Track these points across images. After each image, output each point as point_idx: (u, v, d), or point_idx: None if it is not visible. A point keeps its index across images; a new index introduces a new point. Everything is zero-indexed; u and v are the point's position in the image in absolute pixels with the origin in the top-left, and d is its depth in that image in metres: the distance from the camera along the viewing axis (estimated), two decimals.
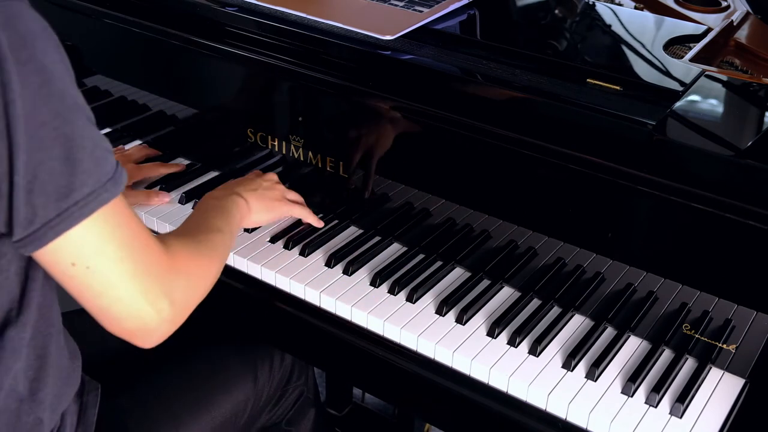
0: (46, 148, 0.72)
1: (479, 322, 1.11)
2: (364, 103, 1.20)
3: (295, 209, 1.24)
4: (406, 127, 1.17)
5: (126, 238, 0.79)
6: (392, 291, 1.16)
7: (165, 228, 1.31)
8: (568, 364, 1.04)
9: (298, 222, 1.31)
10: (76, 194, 0.74)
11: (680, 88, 1.07)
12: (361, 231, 1.29)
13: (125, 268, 0.79)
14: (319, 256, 1.24)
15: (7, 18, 0.70)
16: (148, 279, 0.82)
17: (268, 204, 1.19)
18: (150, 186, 1.40)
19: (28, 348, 0.85)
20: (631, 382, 1.01)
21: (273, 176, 1.25)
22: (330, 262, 1.21)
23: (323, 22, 1.25)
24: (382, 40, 1.20)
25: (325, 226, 1.29)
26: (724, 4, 1.44)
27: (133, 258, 0.80)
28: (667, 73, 1.14)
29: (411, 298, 1.14)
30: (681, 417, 0.98)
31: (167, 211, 1.34)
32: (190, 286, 0.89)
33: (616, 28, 1.31)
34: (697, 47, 1.21)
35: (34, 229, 0.74)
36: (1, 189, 0.72)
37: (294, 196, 1.26)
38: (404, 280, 1.17)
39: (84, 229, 0.75)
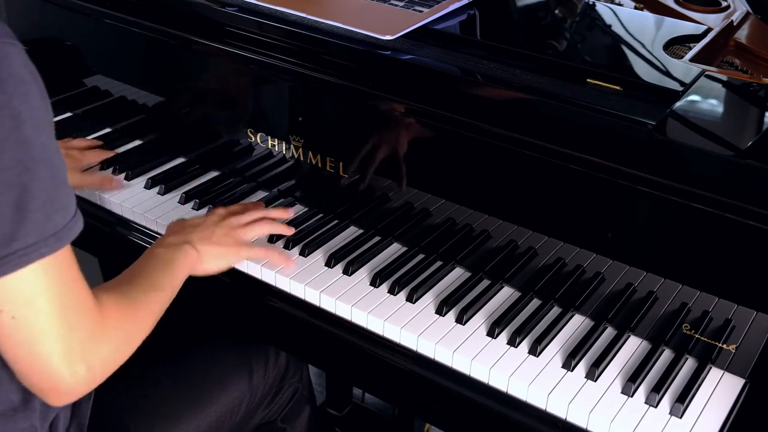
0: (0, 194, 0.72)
1: (479, 322, 1.11)
2: (364, 103, 1.20)
3: (252, 252, 1.17)
4: (406, 127, 1.17)
5: (59, 295, 0.78)
6: (392, 291, 1.16)
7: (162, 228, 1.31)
8: (568, 364, 1.04)
9: (299, 222, 1.31)
10: (16, 243, 0.74)
11: (680, 88, 1.07)
12: (361, 231, 1.29)
13: (51, 325, 0.78)
14: (319, 256, 1.24)
15: None
16: (72, 341, 0.81)
17: (220, 252, 1.14)
18: (151, 186, 1.40)
19: None
20: (631, 382, 1.01)
21: (231, 221, 1.17)
22: (330, 262, 1.21)
23: (323, 22, 1.25)
24: (382, 40, 1.20)
25: (324, 226, 1.30)
26: (724, 4, 1.44)
27: (62, 316, 0.79)
28: (667, 73, 1.14)
29: (411, 298, 1.14)
30: (681, 417, 0.98)
31: (168, 210, 1.34)
32: (113, 351, 0.87)
33: (616, 28, 1.31)
34: (697, 47, 1.21)
35: None
36: None
37: (250, 219, 1.19)
38: (404, 280, 1.17)
39: (17, 279, 0.75)
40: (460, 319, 1.11)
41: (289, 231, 1.23)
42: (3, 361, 0.83)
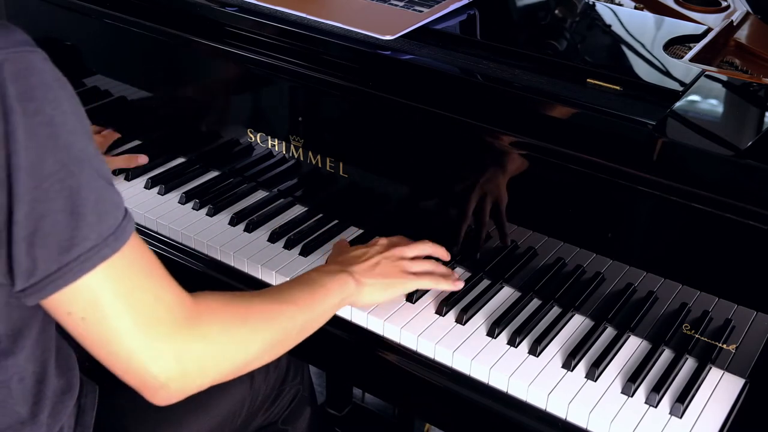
0: (49, 200, 0.71)
1: (479, 322, 1.11)
2: (364, 103, 1.20)
3: (422, 281, 1.11)
4: (406, 127, 1.17)
5: (129, 292, 0.77)
6: None
7: (174, 231, 1.31)
8: (568, 364, 1.04)
9: (299, 222, 1.31)
10: (77, 248, 0.73)
11: (680, 88, 1.07)
12: (361, 231, 1.29)
13: (123, 324, 0.77)
14: (318, 257, 1.24)
15: (19, 69, 0.70)
16: (151, 336, 0.78)
17: (385, 283, 1.08)
18: (151, 186, 1.40)
19: (29, 376, 0.84)
20: (631, 382, 1.01)
21: (395, 252, 1.12)
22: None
23: (323, 22, 1.25)
24: (382, 40, 1.20)
25: (324, 226, 1.30)
26: (724, 4, 1.44)
27: (135, 313, 0.77)
28: (667, 73, 1.14)
29: (411, 299, 1.14)
30: (681, 417, 0.98)
31: (168, 210, 1.34)
32: (210, 349, 0.83)
33: (616, 28, 1.31)
34: (697, 47, 1.21)
35: (35, 282, 0.73)
36: (1, 239, 0.72)
37: (419, 267, 1.13)
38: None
39: (83, 283, 0.74)
40: (460, 319, 1.11)
41: (457, 285, 1.14)
42: (12, 375, 0.83)
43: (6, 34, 0.71)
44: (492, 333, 1.09)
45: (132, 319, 0.77)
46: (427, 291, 1.16)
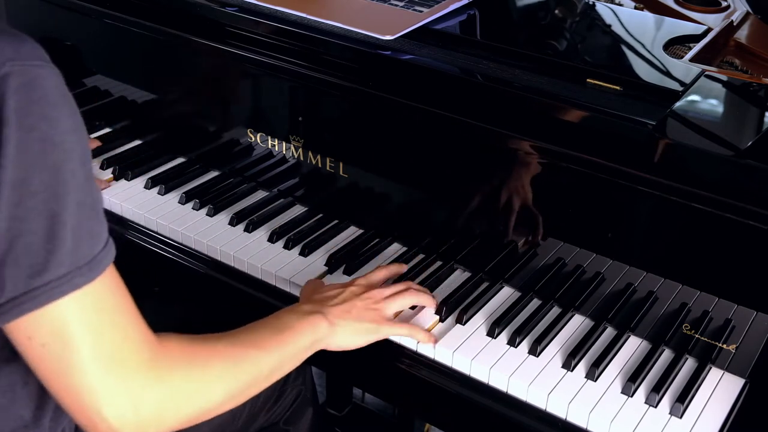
0: (28, 220, 0.69)
1: (479, 322, 1.11)
2: (364, 103, 1.20)
3: (398, 329, 1.07)
4: (406, 127, 1.17)
5: (96, 325, 0.73)
6: None
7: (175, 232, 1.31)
8: (568, 364, 1.04)
9: (299, 222, 1.31)
10: (49, 274, 0.70)
11: (680, 88, 1.07)
12: (361, 231, 1.29)
13: (85, 357, 0.73)
14: (318, 257, 1.24)
15: (23, 82, 0.68)
16: (112, 374, 0.74)
17: (361, 327, 1.04)
18: (151, 186, 1.40)
19: (32, 380, 0.83)
20: (631, 382, 1.01)
21: (373, 293, 1.07)
22: (330, 262, 1.21)
23: (323, 22, 1.25)
24: (382, 40, 1.20)
25: (324, 226, 1.30)
26: (724, 4, 1.44)
27: (99, 348, 0.74)
28: (667, 73, 1.14)
29: None
30: (681, 417, 0.98)
31: (168, 210, 1.34)
32: (171, 395, 0.79)
33: (616, 28, 1.31)
34: (697, 47, 1.21)
35: (0, 303, 0.70)
36: None
37: (397, 305, 1.08)
38: (408, 280, 1.17)
39: (50, 309, 0.71)
40: (460, 319, 1.11)
41: (434, 303, 1.12)
42: (17, 379, 0.82)
43: (19, 45, 0.70)
44: (492, 333, 1.09)
45: (94, 354, 0.74)
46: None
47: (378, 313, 1.05)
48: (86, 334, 0.73)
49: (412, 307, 1.13)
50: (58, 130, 0.70)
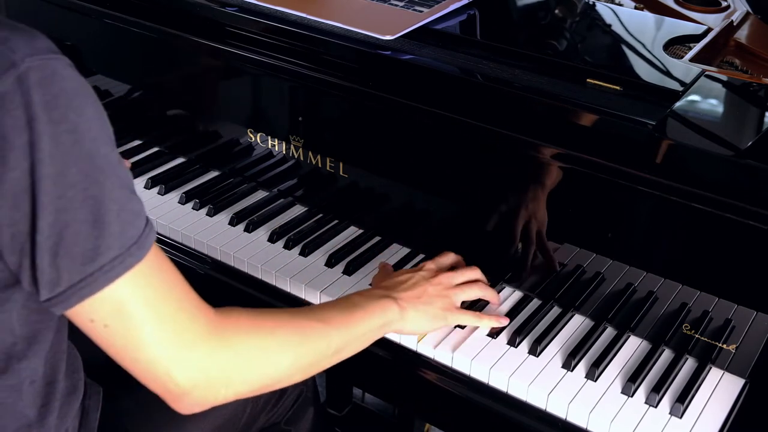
0: (73, 210, 0.71)
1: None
2: (364, 103, 1.20)
3: (466, 317, 1.08)
4: (406, 127, 1.17)
5: (151, 301, 0.77)
6: None
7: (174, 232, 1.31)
8: (568, 364, 1.04)
9: (299, 222, 1.31)
10: (101, 258, 0.73)
11: (680, 88, 1.07)
12: (361, 231, 1.29)
13: (146, 331, 0.77)
14: (318, 257, 1.24)
15: (43, 76, 0.69)
16: (174, 343, 0.78)
17: (430, 313, 1.05)
18: (151, 186, 1.40)
19: (39, 378, 0.84)
20: (631, 382, 1.01)
21: (442, 279, 1.09)
22: (330, 262, 1.21)
23: (323, 22, 1.25)
24: (382, 40, 1.20)
25: (324, 226, 1.30)
26: (724, 4, 1.44)
27: (158, 321, 0.77)
28: (667, 73, 1.14)
29: None
30: (681, 417, 0.98)
31: (168, 210, 1.34)
32: (234, 361, 0.82)
33: (616, 28, 1.31)
34: (697, 47, 1.21)
35: (59, 291, 0.73)
36: (24, 248, 0.71)
37: (466, 294, 1.10)
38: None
39: (106, 292, 0.74)
40: None
41: (498, 300, 1.14)
42: (25, 377, 0.82)
43: (31, 40, 0.70)
44: (492, 333, 1.09)
45: (155, 327, 0.77)
46: None
47: (448, 301, 1.07)
48: (145, 310, 0.76)
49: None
50: (84, 117, 0.72)
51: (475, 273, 1.13)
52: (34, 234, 0.71)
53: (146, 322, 0.77)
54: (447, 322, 1.07)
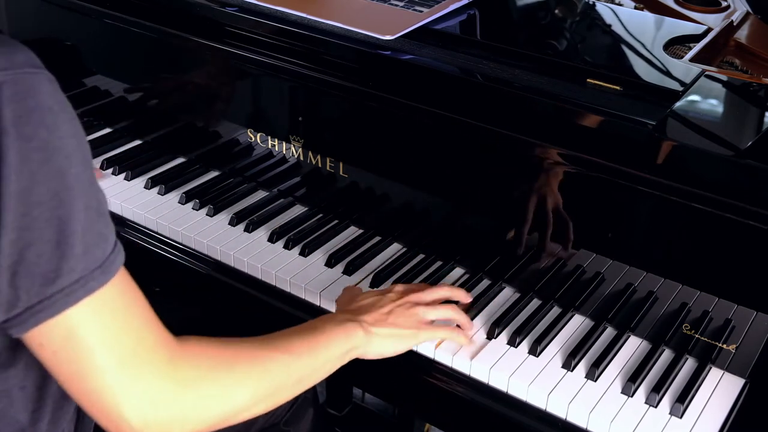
0: (37, 229, 0.68)
1: (479, 322, 1.11)
2: (364, 103, 1.20)
3: (436, 332, 1.05)
4: (406, 127, 1.17)
5: (110, 328, 0.73)
6: None
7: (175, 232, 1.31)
8: (568, 364, 1.04)
9: (299, 222, 1.31)
10: (62, 280, 0.70)
11: (680, 88, 1.07)
12: (361, 231, 1.29)
13: (100, 361, 0.73)
14: (318, 257, 1.24)
15: (17, 91, 0.67)
16: (128, 376, 0.74)
17: (397, 335, 1.01)
18: (151, 186, 1.40)
19: (29, 384, 0.83)
20: (631, 382, 1.01)
21: (411, 297, 1.05)
22: (330, 262, 1.21)
23: (323, 22, 1.25)
24: (382, 40, 1.20)
25: (324, 226, 1.30)
26: (724, 4, 1.44)
27: (114, 350, 0.73)
28: (667, 73, 1.14)
29: None
30: (681, 417, 0.98)
31: (168, 210, 1.34)
32: (189, 398, 0.78)
33: (616, 28, 1.31)
34: (697, 47, 1.21)
35: (16, 314, 0.70)
36: None
37: (436, 314, 1.05)
38: (405, 282, 1.17)
39: (64, 316, 0.71)
40: None
41: (470, 324, 1.09)
42: (15, 383, 0.82)
43: (10, 54, 0.69)
44: (492, 333, 1.09)
45: (110, 357, 0.73)
46: None
47: (416, 318, 1.03)
48: (101, 338, 0.73)
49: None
50: (57, 135, 0.70)
51: (446, 292, 1.10)
52: None
53: (100, 350, 0.73)
54: (418, 340, 1.03)
